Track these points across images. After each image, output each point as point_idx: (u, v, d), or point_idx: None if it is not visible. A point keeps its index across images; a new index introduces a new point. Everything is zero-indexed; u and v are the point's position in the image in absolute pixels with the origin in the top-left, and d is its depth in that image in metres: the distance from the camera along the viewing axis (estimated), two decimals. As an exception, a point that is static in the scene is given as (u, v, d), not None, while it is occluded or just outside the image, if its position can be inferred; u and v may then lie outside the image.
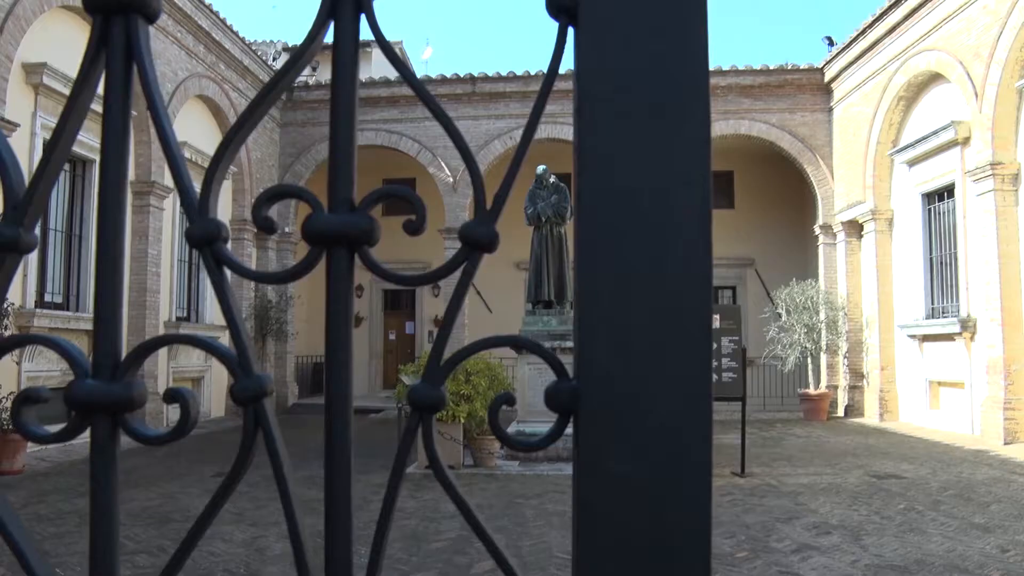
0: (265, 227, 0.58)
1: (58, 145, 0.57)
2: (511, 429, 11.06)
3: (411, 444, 0.53)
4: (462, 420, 9.77)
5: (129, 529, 6.74)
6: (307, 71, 23.75)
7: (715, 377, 9.65)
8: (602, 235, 0.50)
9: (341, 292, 0.54)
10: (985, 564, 5.68)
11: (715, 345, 9.70)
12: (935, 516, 7.24)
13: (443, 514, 7.42)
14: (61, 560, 5.74)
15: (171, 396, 0.56)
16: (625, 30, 0.51)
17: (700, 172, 0.49)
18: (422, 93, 0.56)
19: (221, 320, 16.61)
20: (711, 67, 9.93)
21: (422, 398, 0.53)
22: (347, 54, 0.54)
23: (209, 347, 0.56)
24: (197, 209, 0.56)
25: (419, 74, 22.59)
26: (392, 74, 20.65)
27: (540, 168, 11.98)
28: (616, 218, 0.50)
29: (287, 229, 18.96)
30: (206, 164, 14.59)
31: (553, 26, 0.55)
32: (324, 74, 22.83)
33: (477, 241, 0.53)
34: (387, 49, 0.56)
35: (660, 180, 0.50)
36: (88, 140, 12.29)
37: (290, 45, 24.13)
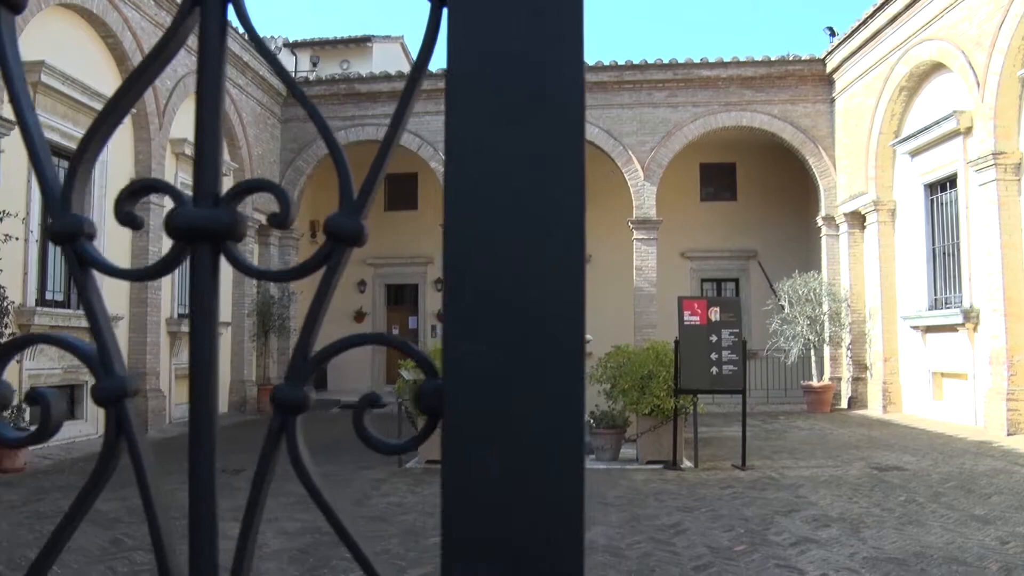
0: (128, 223, 0.56)
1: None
2: (512, 423, 11.05)
3: (276, 447, 0.51)
4: (462, 415, 9.76)
5: (127, 526, 6.75)
6: (307, 66, 23.74)
7: (715, 370, 9.63)
8: (469, 227, 0.48)
9: (204, 290, 0.52)
10: (984, 556, 5.65)
11: (715, 338, 9.67)
12: (935, 508, 7.20)
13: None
14: (60, 558, 5.75)
15: (32, 398, 0.54)
16: (497, 11, 0.48)
17: (574, 161, 0.47)
18: (286, 79, 0.54)
19: (224, 316, 16.65)
20: (713, 59, 9.92)
21: (284, 398, 0.51)
22: (213, 42, 0.52)
23: (70, 346, 0.54)
24: (59, 204, 0.54)
25: (420, 69, 22.53)
26: (392, 68, 20.62)
27: (539, 162, 11.98)
28: (484, 210, 0.48)
29: (289, 225, 18.90)
30: (206, 161, 14.69)
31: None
32: (324, 69, 22.84)
33: (342, 235, 0.51)
34: (255, 38, 0.54)
35: (532, 170, 0.48)
36: (87, 138, 12.30)
37: (290, 40, 24.10)
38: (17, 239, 10.32)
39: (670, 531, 6.53)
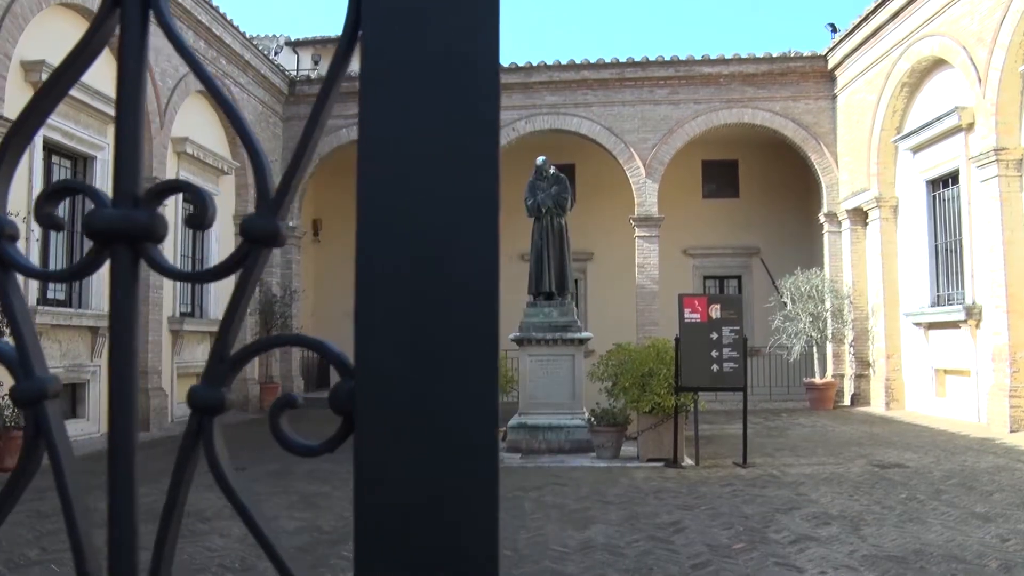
0: (49, 224, 0.55)
1: None
2: (513, 421, 11.05)
3: (193, 448, 0.51)
4: (463, 413, 9.75)
5: (128, 525, 6.76)
6: (309, 65, 23.72)
7: (716, 367, 9.61)
8: (381, 225, 0.47)
9: (124, 293, 0.52)
10: (984, 554, 5.63)
11: (716, 335, 9.66)
12: (936, 506, 7.18)
13: (441, 507, 7.41)
14: (58, 556, 5.76)
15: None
16: (411, 9, 0.48)
17: (488, 162, 0.47)
18: (201, 76, 0.54)
19: (226, 315, 16.67)
20: (714, 56, 9.96)
21: (200, 400, 0.51)
22: (133, 43, 0.51)
23: (-16, 347, 0.54)
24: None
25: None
26: (394, 67, 20.61)
27: (540, 159, 11.95)
28: (397, 208, 0.47)
29: (291, 223, 18.99)
30: (209, 160, 14.65)
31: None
32: (326, 67, 22.84)
33: (258, 236, 0.51)
34: (173, 39, 0.53)
35: (446, 169, 0.47)
36: (88, 137, 12.33)
37: (292, 39, 24.09)
38: (17, 238, 10.32)
39: (669, 529, 6.52)
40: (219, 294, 16.50)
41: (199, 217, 0.52)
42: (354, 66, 0.51)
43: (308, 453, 0.51)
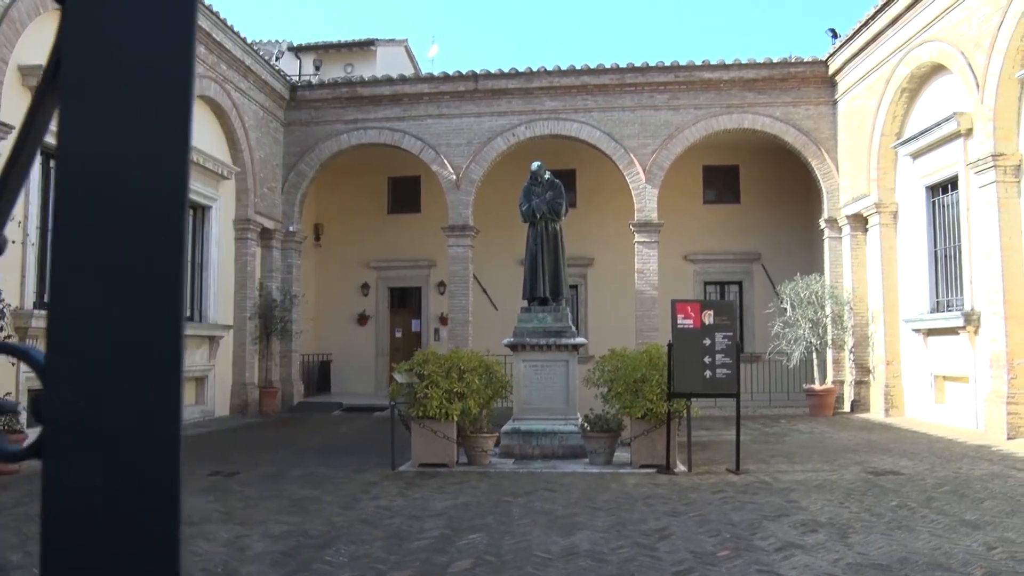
0: None
1: None
2: (507, 427, 11.03)
3: None
4: (455, 418, 9.74)
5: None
6: (311, 70, 23.80)
7: (708, 373, 9.58)
8: (67, 232, 0.47)
9: None
10: (969, 562, 5.59)
11: (709, 341, 9.63)
12: (926, 513, 7.14)
13: (429, 512, 7.40)
14: (42, 560, 5.77)
15: None
16: (106, 17, 0.47)
17: (176, 171, 0.46)
18: None
19: (225, 319, 16.70)
20: (714, 61, 10.03)
21: None
22: None
23: None
24: None
25: (424, 72, 22.56)
26: (394, 72, 20.66)
27: (535, 164, 11.92)
28: (83, 216, 0.47)
29: (291, 228, 19.03)
30: (209, 165, 14.64)
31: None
32: (328, 73, 22.93)
33: None
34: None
35: (135, 179, 0.46)
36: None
37: (294, 44, 24.16)
38: (15, 242, 10.39)
39: (655, 536, 6.49)
40: (219, 298, 16.53)
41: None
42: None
43: (10, 459, 0.50)
